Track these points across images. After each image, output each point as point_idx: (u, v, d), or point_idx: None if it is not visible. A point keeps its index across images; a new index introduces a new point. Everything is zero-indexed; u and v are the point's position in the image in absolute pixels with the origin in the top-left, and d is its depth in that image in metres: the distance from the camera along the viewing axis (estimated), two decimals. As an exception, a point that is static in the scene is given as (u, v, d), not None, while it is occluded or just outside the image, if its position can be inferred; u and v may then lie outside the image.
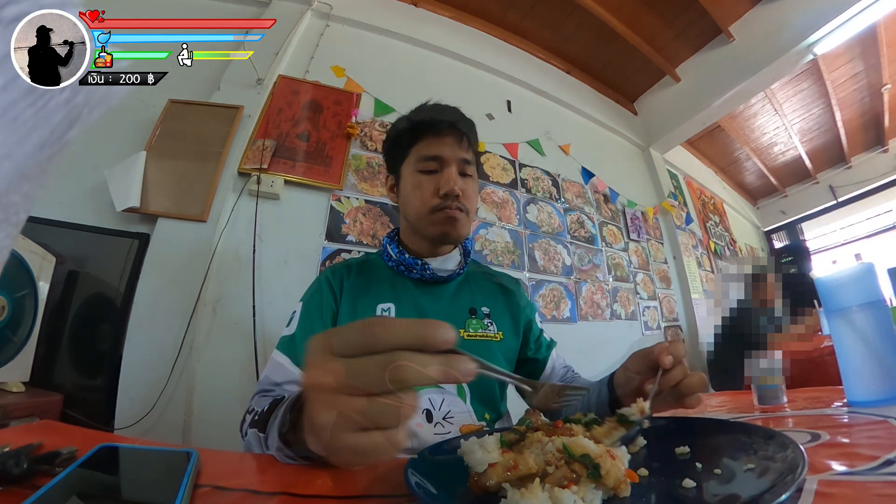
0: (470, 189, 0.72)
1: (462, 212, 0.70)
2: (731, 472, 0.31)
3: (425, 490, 0.30)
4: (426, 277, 0.73)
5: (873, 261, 0.60)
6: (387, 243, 0.77)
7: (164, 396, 1.21)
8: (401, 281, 0.74)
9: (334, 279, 0.73)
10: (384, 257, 0.78)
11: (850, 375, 0.59)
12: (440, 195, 0.68)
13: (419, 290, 0.74)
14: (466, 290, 0.78)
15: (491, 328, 0.75)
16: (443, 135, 0.71)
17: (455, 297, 0.76)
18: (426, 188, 0.70)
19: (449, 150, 0.70)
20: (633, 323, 2.57)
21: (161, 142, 1.49)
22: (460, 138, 0.71)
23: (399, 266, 0.74)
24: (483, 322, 0.74)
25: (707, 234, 3.69)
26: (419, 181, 0.71)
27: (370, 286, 0.73)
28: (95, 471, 0.32)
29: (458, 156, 0.71)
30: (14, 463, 0.30)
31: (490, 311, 0.77)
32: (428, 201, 0.69)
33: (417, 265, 0.72)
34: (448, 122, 0.71)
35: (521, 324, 0.80)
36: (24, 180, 0.17)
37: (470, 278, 0.81)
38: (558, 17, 2.70)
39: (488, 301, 0.78)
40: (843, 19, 2.31)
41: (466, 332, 0.72)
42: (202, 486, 0.33)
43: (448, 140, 0.70)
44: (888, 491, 0.27)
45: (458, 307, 0.75)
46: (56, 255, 1.15)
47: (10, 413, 0.90)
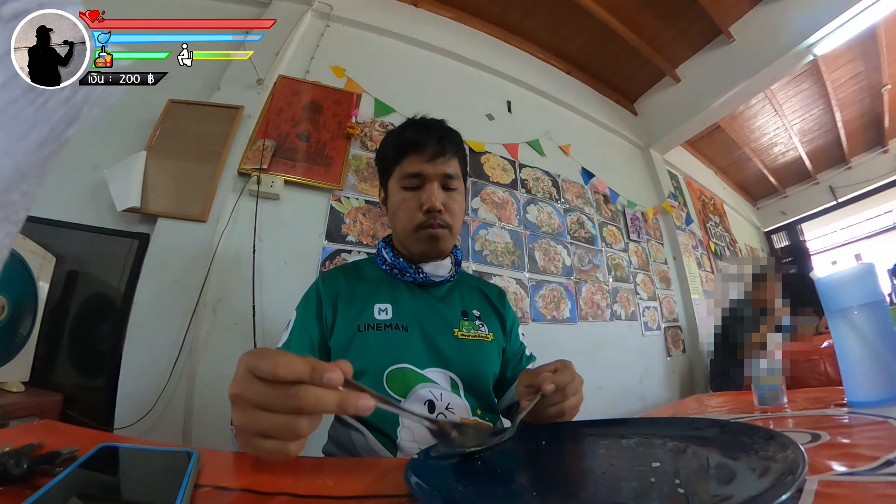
0: (454, 203, 0.74)
1: (444, 228, 0.73)
2: (731, 472, 0.31)
3: (425, 490, 0.30)
4: (419, 280, 0.76)
5: (873, 261, 0.60)
6: (382, 247, 0.80)
7: (164, 396, 1.21)
8: (395, 283, 0.77)
9: (326, 286, 0.74)
10: (378, 261, 0.81)
11: (850, 376, 0.59)
12: (423, 211, 0.71)
13: (413, 292, 0.77)
14: (457, 294, 0.82)
15: (482, 329, 0.78)
16: (424, 152, 0.72)
17: (447, 299, 0.79)
18: (409, 205, 0.72)
19: (430, 167, 0.72)
20: (633, 323, 2.56)
21: (161, 142, 1.49)
22: (443, 153, 0.72)
23: (393, 269, 0.77)
24: (475, 323, 0.78)
25: (707, 235, 3.69)
26: (403, 198, 0.73)
27: (366, 288, 0.75)
28: (95, 471, 0.32)
29: (441, 171, 0.72)
30: (14, 463, 0.30)
31: (480, 314, 0.80)
32: (412, 218, 0.72)
33: (411, 269, 0.76)
34: (430, 139, 0.72)
35: (506, 330, 0.83)
36: (23, 179, 0.17)
37: (460, 284, 0.84)
38: (558, 18, 2.70)
39: (477, 305, 0.82)
40: (843, 20, 2.31)
41: (461, 331, 0.75)
42: (202, 487, 0.33)
43: (429, 156, 0.72)
44: (888, 491, 0.27)
45: (450, 308, 0.78)
46: (56, 255, 1.15)
47: (10, 413, 0.90)
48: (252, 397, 0.31)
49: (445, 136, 0.74)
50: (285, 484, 0.34)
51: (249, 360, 0.32)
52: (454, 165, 0.75)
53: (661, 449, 0.38)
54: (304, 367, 0.30)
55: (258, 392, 0.31)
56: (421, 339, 0.71)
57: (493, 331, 0.79)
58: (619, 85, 3.34)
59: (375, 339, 0.69)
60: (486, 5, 2.60)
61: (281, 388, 0.30)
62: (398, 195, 0.74)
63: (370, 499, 0.32)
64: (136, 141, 1.47)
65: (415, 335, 0.71)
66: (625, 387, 2.35)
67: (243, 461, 0.39)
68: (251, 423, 0.31)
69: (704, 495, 0.29)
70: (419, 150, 0.72)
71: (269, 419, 0.31)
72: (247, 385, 0.31)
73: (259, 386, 0.31)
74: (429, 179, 0.72)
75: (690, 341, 2.88)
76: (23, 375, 1.02)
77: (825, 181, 4.78)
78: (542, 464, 0.42)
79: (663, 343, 2.69)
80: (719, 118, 3.34)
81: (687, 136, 3.44)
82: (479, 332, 0.77)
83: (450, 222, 0.73)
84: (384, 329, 0.70)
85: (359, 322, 0.70)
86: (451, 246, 0.77)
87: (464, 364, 0.71)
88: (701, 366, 2.76)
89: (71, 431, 0.47)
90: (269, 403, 0.31)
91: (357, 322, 0.70)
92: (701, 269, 3.28)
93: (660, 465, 0.34)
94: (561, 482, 0.35)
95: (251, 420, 0.31)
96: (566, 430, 0.48)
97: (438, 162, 0.72)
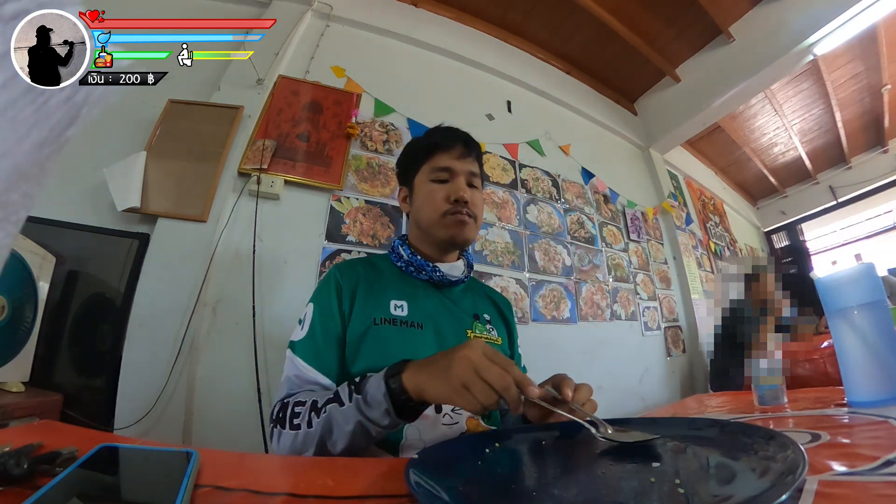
0: (477, 199, 0.80)
1: (471, 217, 0.78)
2: (731, 472, 0.31)
3: (425, 490, 0.30)
4: (435, 279, 0.78)
5: (873, 261, 0.60)
6: (398, 245, 0.82)
7: (164, 396, 1.21)
8: (410, 281, 0.79)
9: (345, 277, 0.75)
10: (393, 258, 0.82)
11: (850, 376, 0.59)
12: (451, 201, 0.76)
13: (427, 291, 0.79)
14: (469, 297, 0.84)
15: (493, 333, 0.81)
16: (453, 150, 0.79)
17: (460, 301, 0.82)
18: (438, 195, 0.77)
19: (459, 163, 0.79)
20: (634, 323, 2.56)
21: (161, 142, 1.49)
22: (469, 154, 0.80)
23: (409, 267, 0.79)
24: (486, 327, 0.80)
25: (707, 235, 3.69)
26: (432, 189, 0.78)
27: (382, 282, 0.77)
28: (95, 471, 0.32)
29: (467, 168, 0.79)
30: (14, 463, 0.30)
31: (490, 318, 0.83)
32: (440, 206, 0.77)
33: (428, 267, 0.78)
34: (458, 141, 0.80)
35: (512, 340, 0.86)
36: (23, 179, 0.17)
37: (471, 288, 0.87)
38: (558, 18, 2.70)
39: (487, 310, 0.85)
40: (842, 20, 2.31)
41: (473, 332, 0.77)
42: (202, 487, 0.33)
43: (458, 155, 0.79)
44: (888, 491, 0.27)
45: (463, 309, 0.80)
46: (56, 255, 1.15)
47: (10, 413, 0.90)
48: (482, 369, 0.44)
49: (470, 141, 0.82)
50: (286, 484, 0.34)
51: (487, 350, 0.47)
52: (477, 167, 0.82)
53: (662, 449, 0.38)
54: (517, 374, 0.45)
55: (486, 363, 0.45)
56: (435, 338, 0.72)
57: (502, 336, 0.82)
58: (619, 85, 3.35)
59: (390, 334, 0.69)
60: (486, 5, 2.60)
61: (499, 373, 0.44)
62: (426, 187, 0.79)
63: (370, 499, 0.32)
64: (136, 141, 1.47)
65: (429, 333, 0.72)
66: (625, 387, 2.35)
67: (243, 461, 0.39)
68: (474, 372, 0.44)
69: (704, 495, 0.29)
70: (448, 149, 0.79)
71: (484, 386, 0.44)
72: (480, 353, 0.46)
73: (490, 366, 0.45)
74: (457, 174, 0.78)
75: (690, 341, 2.88)
76: (23, 375, 1.02)
77: (825, 181, 4.78)
78: (542, 463, 0.42)
79: (663, 343, 2.69)
80: (719, 118, 3.34)
81: (687, 136, 3.44)
82: (490, 336, 0.79)
83: (475, 213, 0.79)
84: (400, 325, 0.71)
85: (375, 315, 0.70)
86: (473, 237, 0.81)
87: None
88: (701, 366, 2.76)
89: (71, 431, 0.47)
90: (489, 377, 0.44)
91: (374, 315, 0.70)
92: (701, 269, 3.28)
93: (660, 465, 0.34)
94: (561, 482, 0.35)
95: (472, 380, 0.44)
96: (567, 431, 0.48)
97: (465, 161, 0.80)
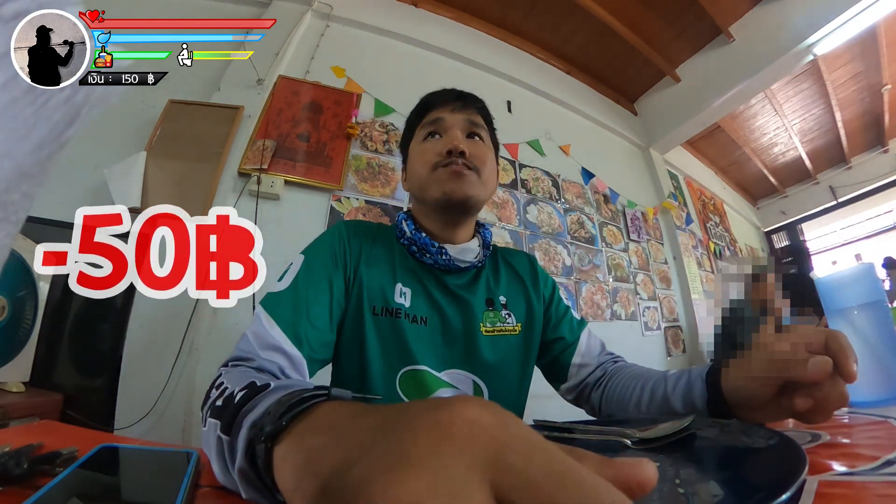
0: (480, 151, 0.65)
1: (470, 169, 0.62)
2: (731, 472, 0.31)
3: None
4: (440, 264, 0.65)
5: (873, 261, 0.60)
6: (402, 219, 0.69)
7: (164, 396, 1.21)
8: (413, 264, 0.66)
9: (354, 239, 0.64)
10: (397, 233, 0.69)
11: (850, 375, 0.59)
12: (443, 154, 0.63)
13: (433, 276, 0.66)
14: (483, 280, 0.70)
15: (509, 320, 0.69)
16: (447, 104, 0.67)
17: (472, 288, 0.68)
18: (429, 151, 0.64)
19: (450, 114, 0.66)
20: (634, 323, 2.56)
21: (161, 142, 1.49)
22: (465, 105, 0.67)
23: (412, 246, 0.66)
24: (501, 314, 0.68)
25: (707, 235, 3.69)
26: (423, 148, 0.66)
27: (387, 259, 0.65)
28: (95, 471, 0.32)
29: (462, 117, 0.67)
30: (14, 463, 0.30)
31: (507, 300, 0.70)
32: (430, 160, 0.64)
33: (433, 248, 0.64)
34: (451, 94, 0.68)
35: (539, 307, 0.72)
36: (23, 179, 0.17)
37: (486, 265, 0.73)
38: (558, 18, 2.70)
39: (504, 289, 0.71)
40: (842, 20, 2.31)
41: (485, 326, 0.66)
42: (202, 487, 0.33)
43: (452, 108, 0.67)
44: (888, 491, 0.27)
45: (475, 297, 0.67)
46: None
47: (10, 413, 0.90)
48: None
49: (466, 94, 0.70)
50: (285, 484, 0.34)
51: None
52: (478, 118, 0.69)
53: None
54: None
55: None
56: (441, 337, 0.63)
57: (521, 319, 0.70)
58: (619, 85, 3.34)
59: (391, 329, 0.60)
60: (486, 5, 2.60)
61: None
62: (418, 147, 0.67)
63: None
64: (136, 141, 1.47)
65: (434, 331, 0.63)
66: (625, 387, 2.34)
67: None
68: None
69: (704, 495, 0.29)
70: (442, 103, 0.68)
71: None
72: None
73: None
74: (450, 125, 0.65)
75: (690, 341, 2.88)
76: (23, 376, 1.02)
77: (825, 181, 4.78)
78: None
79: (663, 343, 2.69)
80: (719, 118, 3.34)
81: (687, 136, 3.44)
82: (506, 326, 0.68)
83: (477, 166, 0.63)
84: (402, 318, 0.61)
85: (375, 303, 0.60)
86: (477, 194, 0.64)
87: (489, 366, 0.64)
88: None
89: (71, 432, 0.47)
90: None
91: (373, 303, 0.60)
92: (701, 269, 3.28)
93: (659, 465, 0.34)
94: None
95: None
96: (565, 431, 0.48)
97: (461, 112, 0.67)
